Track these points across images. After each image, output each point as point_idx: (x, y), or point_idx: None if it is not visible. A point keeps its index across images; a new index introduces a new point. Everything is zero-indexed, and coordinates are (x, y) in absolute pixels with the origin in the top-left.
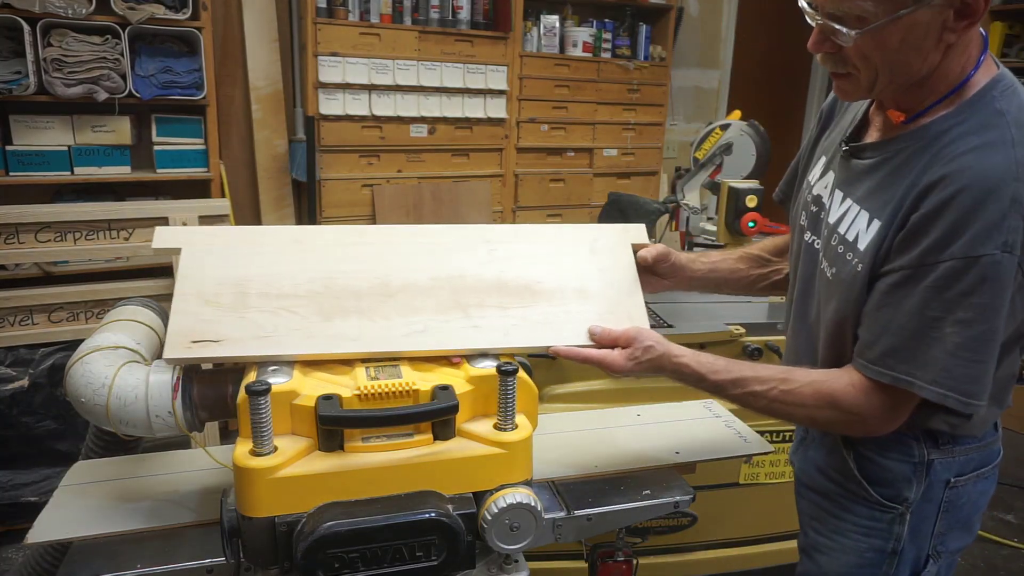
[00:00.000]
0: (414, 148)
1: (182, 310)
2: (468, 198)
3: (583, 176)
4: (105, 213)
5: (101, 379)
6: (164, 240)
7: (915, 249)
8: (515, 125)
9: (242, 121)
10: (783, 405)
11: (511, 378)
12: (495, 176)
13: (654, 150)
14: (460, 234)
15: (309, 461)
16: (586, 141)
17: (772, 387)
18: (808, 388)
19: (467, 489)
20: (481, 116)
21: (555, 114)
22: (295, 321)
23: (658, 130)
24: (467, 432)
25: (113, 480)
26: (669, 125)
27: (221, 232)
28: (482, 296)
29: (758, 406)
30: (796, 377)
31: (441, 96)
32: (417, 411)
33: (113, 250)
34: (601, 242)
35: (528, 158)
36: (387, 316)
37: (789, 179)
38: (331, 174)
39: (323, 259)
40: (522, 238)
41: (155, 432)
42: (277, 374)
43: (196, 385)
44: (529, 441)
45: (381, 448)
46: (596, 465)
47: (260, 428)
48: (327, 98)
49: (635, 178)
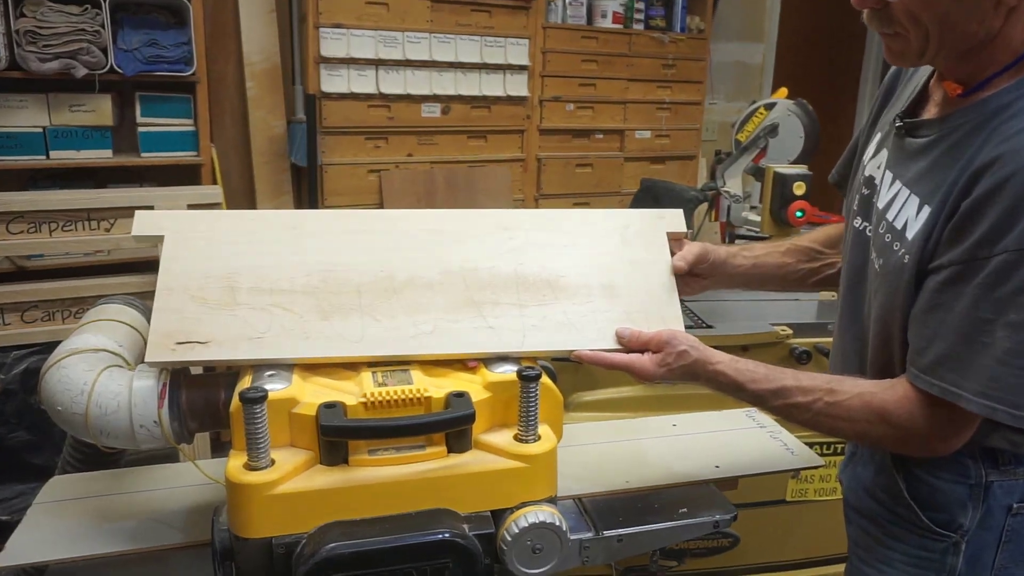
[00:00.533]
0: (426, 130)
1: (165, 307)
2: (486, 185)
3: (613, 160)
4: (84, 202)
5: (79, 385)
6: (146, 226)
7: (965, 241)
8: (538, 104)
9: (236, 100)
10: (829, 419)
11: (533, 384)
12: (515, 161)
13: (691, 132)
14: (474, 220)
15: (310, 476)
16: (616, 122)
17: (817, 399)
18: (856, 400)
19: (485, 507)
20: (500, 94)
21: (582, 92)
22: (290, 320)
23: (696, 110)
24: (485, 444)
25: (93, 497)
26: (708, 104)
27: (207, 217)
28: (498, 292)
29: (802, 419)
30: (843, 388)
31: (456, 72)
32: (430, 421)
33: (93, 242)
34: (633, 230)
35: (552, 141)
36: (392, 314)
37: (847, 159)
38: (334, 158)
39: (321, 249)
40: (543, 225)
41: (139, 444)
42: (275, 379)
43: (185, 392)
44: (553, 454)
45: (390, 462)
46: (627, 480)
47: (256, 439)
48: (330, 74)
49: (670, 163)
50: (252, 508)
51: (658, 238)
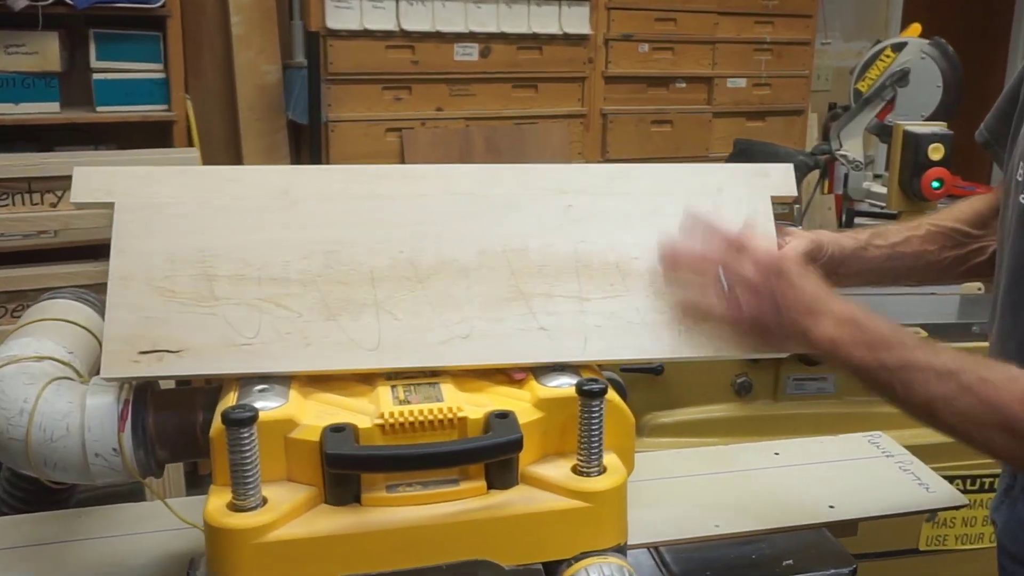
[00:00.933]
0: (460, 77)
1: (122, 302)
2: (536, 147)
3: (699, 116)
4: (23, 169)
5: (18, 403)
6: (89, 188)
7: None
8: (602, 44)
9: (217, 39)
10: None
11: (597, 402)
12: (574, 116)
13: (798, 80)
14: (521, 180)
15: (312, 519)
16: (703, 67)
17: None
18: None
19: (535, 558)
20: (555, 32)
21: (659, 29)
22: (286, 320)
23: (804, 52)
24: (535, 478)
25: (37, 545)
26: (820, 45)
27: (170, 175)
28: (552, 281)
29: (920, 401)
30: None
31: (498, 4)
32: (465, 448)
33: (35, 220)
34: (728, 194)
35: (621, 91)
36: (416, 311)
37: (1001, 112)
38: (343, 113)
39: (320, 220)
40: (612, 187)
41: (94, 478)
42: (267, 395)
43: (152, 411)
44: (622, 490)
45: (413, 500)
46: (717, 525)
47: (243, 472)
48: (337, 6)
49: (772, 119)
50: (238, 559)
51: (760, 203)
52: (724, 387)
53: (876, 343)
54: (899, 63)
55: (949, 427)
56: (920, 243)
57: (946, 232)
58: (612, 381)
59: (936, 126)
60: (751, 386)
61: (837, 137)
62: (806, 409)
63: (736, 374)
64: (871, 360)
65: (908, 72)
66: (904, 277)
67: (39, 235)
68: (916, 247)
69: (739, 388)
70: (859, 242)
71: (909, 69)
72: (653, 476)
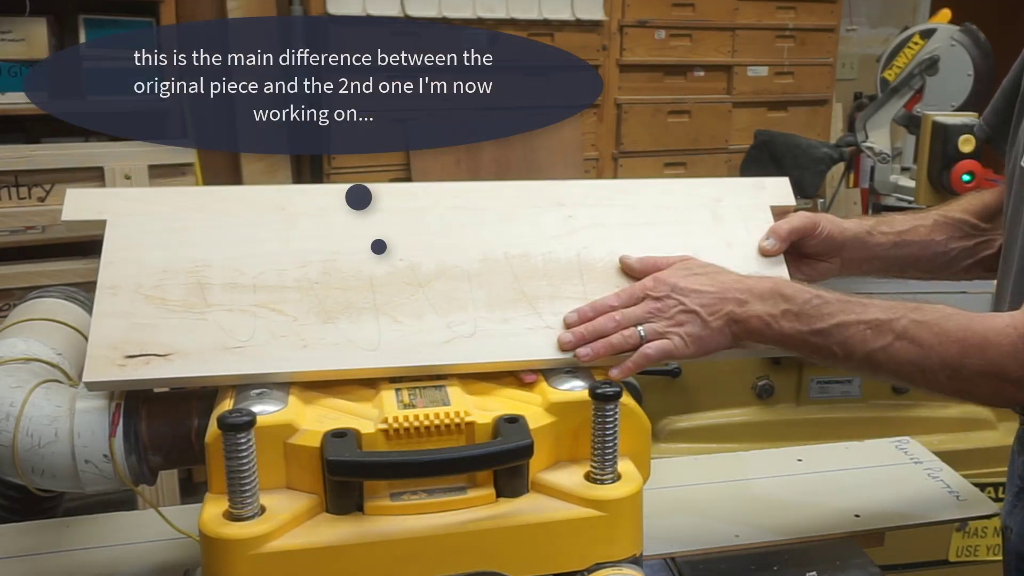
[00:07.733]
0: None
1: (110, 311)
2: (547, 140)
3: (718, 106)
4: (10, 161)
5: (4, 407)
6: (81, 208)
7: None
8: (617, 31)
9: None
10: (908, 345)
11: (612, 406)
12: (587, 106)
13: (823, 68)
14: (523, 195)
15: (312, 528)
16: (723, 55)
17: (901, 316)
18: (951, 323)
19: (546, 570)
20: (567, 17)
21: (677, 14)
22: (280, 323)
23: (828, 38)
24: (546, 485)
25: (23, 556)
26: (845, 31)
27: (165, 195)
28: (556, 283)
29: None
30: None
31: None
32: (473, 455)
33: (22, 216)
34: (728, 204)
35: (637, 80)
36: (417, 313)
37: (1001, 104)
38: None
39: (319, 233)
40: (610, 199)
41: (84, 486)
42: (265, 400)
43: (145, 416)
44: (638, 498)
45: (418, 509)
46: (737, 535)
47: (240, 479)
48: None
49: (794, 109)
50: (235, 571)
51: (759, 213)
52: (744, 390)
53: (805, 311)
54: (928, 50)
55: (893, 375)
56: (927, 232)
57: (954, 223)
58: (627, 384)
59: (967, 116)
60: (773, 389)
61: (863, 128)
62: (830, 413)
63: (757, 377)
64: (803, 328)
65: (937, 60)
66: (911, 267)
67: (26, 231)
68: (923, 236)
69: (760, 391)
70: (863, 227)
71: (938, 57)
72: (670, 484)
